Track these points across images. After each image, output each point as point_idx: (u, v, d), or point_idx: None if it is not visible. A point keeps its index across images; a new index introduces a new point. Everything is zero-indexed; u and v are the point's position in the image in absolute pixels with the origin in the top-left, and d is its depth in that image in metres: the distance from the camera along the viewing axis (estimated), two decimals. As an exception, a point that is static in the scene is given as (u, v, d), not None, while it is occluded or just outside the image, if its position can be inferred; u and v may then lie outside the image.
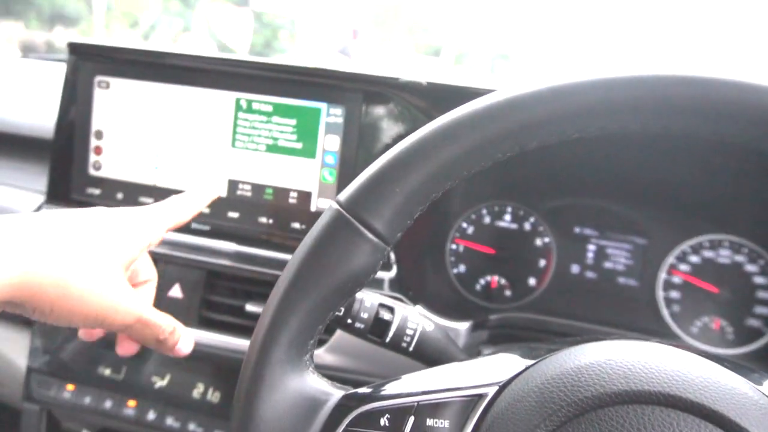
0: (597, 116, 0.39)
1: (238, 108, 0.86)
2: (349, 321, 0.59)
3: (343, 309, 0.60)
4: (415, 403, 0.40)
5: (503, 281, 0.97)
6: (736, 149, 0.81)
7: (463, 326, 0.82)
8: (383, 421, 0.40)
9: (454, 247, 0.99)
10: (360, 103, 0.82)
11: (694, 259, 0.91)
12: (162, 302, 0.87)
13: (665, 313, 0.91)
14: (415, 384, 0.43)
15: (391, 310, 0.61)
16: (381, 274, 0.85)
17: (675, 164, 0.89)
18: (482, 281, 0.97)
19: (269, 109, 0.85)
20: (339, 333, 0.81)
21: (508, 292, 0.96)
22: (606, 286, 0.94)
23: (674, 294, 0.92)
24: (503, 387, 0.40)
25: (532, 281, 0.96)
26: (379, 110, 0.83)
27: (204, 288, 0.87)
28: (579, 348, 0.40)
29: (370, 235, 0.40)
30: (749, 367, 0.43)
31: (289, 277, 0.41)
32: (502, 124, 0.39)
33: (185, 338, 0.62)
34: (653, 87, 0.37)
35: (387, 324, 0.60)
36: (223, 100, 0.87)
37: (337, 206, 0.41)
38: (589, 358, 0.38)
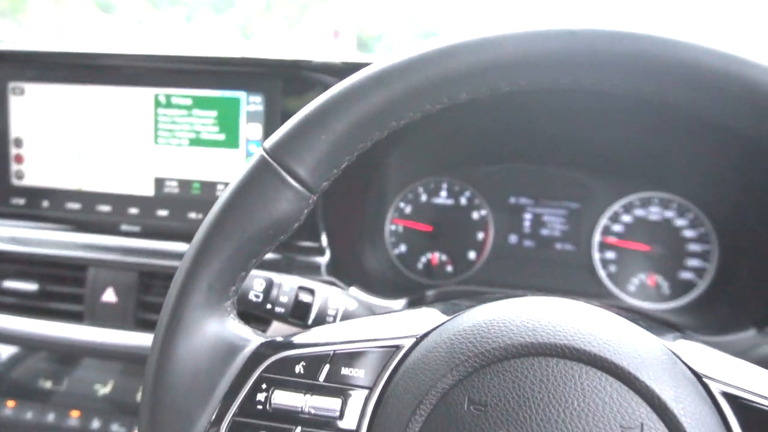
0: (525, 69, 0.38)
1: (158, 104, 0.84)
2: (269, 306, 0.59)
3: (261, 295, 0.59)
4: (332, 352, 0.41)
5: (444, 257, 0.97)
6: (661, 109, 0.82)
7: (398, 304, 0.82)
8: (298, 368, 0.40)
9: (393, 227, 0.99)
10: (279, 89, 0.82)
11: (626, 218, 0.93)
12: (96, 308, 0.85)
13: (602, 274, 0.92)
14: (334, 334, 0.43)
15: (311, 292, 0.60)
16: (316, 259, 0.84)
17: (602, 127, 0.90)
18: (423, 259, 0.98)
19: (189, 102, 0.83)
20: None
21: (449, 268, 0.97)
22: (544, 252, 0.95)
23: (610, 255, 0.93)
24: (420, 339, 0.40)
25: (471, 255, 0.97)
26: (299, 94, 0.82)
27: (138, 290, 0.85)
28: (494, 303, 0.40)
29: (293, 182, 0.39)
30: (664, 326, 0.43)
31: (210, 220, 0.40)
32: (429, 72, 0.39)
33: None
34: (583, 40, 0.37)
35: (308, 306, 0.59)
36: (142, 96, 0.85)
37: (262, 152, 0.41)
38: (501, 312, 0.38)
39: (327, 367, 0.40)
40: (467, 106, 0.89)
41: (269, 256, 0.84)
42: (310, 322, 0.60)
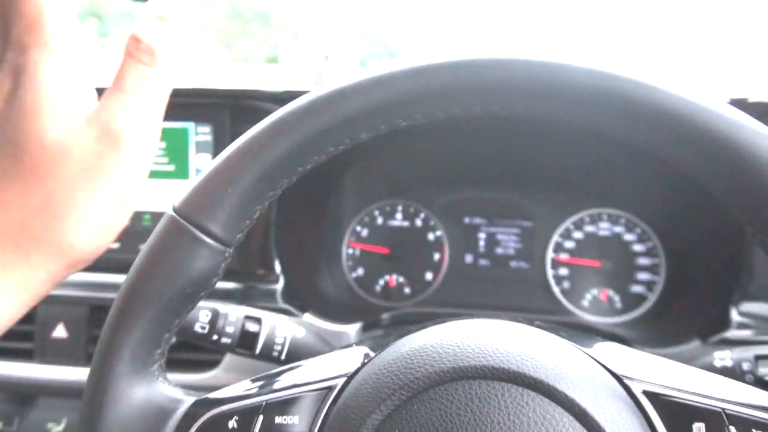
0: (419, 104, 0.40)
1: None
2: (215, 337, 0.59)
3: (207, 326, 0.59)
4: (263, 402, 0.40)
5: (401, 279, 0.98)
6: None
7: (353, 328, 0.82)
8: (231, 423, 0.40)
9: (350, 251, 1.00)
10: (227, 118, 0.82)
11: (577, 234, 0.95)
12: (46, 344, 0.83)
13: (556, 290, 0.94)
14: (265, 384, 0.43)
15: (257, 321, 0.60)
16: (271, 286, 0.84)
17: (549, 149, 0.92)
18: (381, 281, 0.98)
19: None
20: (230, 352, 0.79)
21: (407, 289, 0.97)
22: (499, 271, 0.97)
23: (563, 271, 0.95)
24: (350, 378, 0.40)
25: (428, 276, 0.97)
26: (247, 124, 0.82)
27: (89, 324, 0.84)
28: (416, 333, 0.41)
29: (207, 239, 0.39)
30: (584, 334, 0.44)
31: (125, 288, 0.40)
32: (326, 116, 0.39)
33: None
34: (466, 71, 0.38)
35: (255, 336, 0.59)
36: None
37: (171, 212, 0.40)
38: (423, 340, 0.39)
39: (261, 418, 0.40)
40: (417, 131, 0.91)
41: (223, 285, 0.84)
42: (257, 351, 0.59)
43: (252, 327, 0.59)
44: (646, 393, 0.36)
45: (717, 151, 0.35)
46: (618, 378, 0.37)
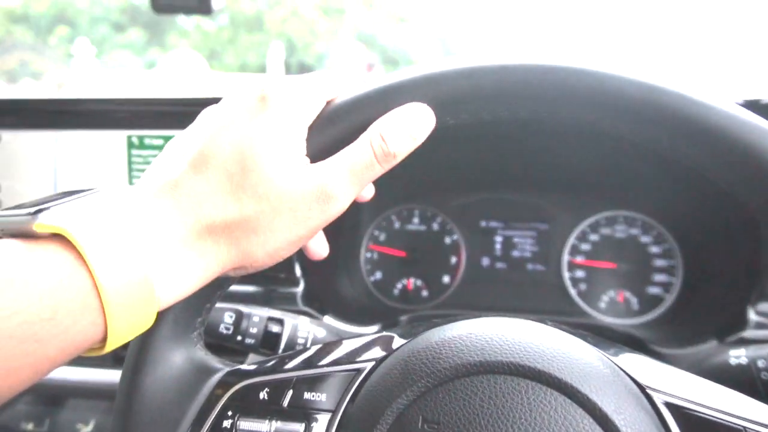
0: (468, 103, 0.42)
1: (131, 145, 0.87)
2: (239, 338, 0.61)
3: (231, 327, 0.61)
4: (294, 377, 0.42)
5: (419, 282, 0.99)
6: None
7: (371, 330, 0.83)
8: (262, 394, 0.42)
9: (368, 255, 1.01)
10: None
11: (593, 237, 0.95)
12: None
13: (573, 292, 0.95)
14: (296, 360, 0.45)
15: (280, 322, 0.62)
16: (292, 290, 0.86)
17: (567, 150, 0.93)
18: (399, 285, 0.99)
19: (161, 143, 0.86)
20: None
21: (425, 293, 0.99)
22: (516, 274, 0.98)
23: (579, 273, 0.95)
24: (379, 362, 0.42)
25: (446, 279, 0.99)
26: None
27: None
28: (447, 326, 0.42)
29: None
30: (610, 342, 0.45)
31: None
32: (374, 111, 0.42)
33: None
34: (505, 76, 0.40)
35: (277, 336, 0.61)
36: (115, 139, 0.87)
37: None
38: (453, 333, 0.40)
39: (290, 392, 0.42)
40: (433, 136, 0.92)
41: (246, 288, 0.86)
42: (280, 351, 0.61)
43: (275, 328, 0.61)
44: (668, 405, 0.37)
45: (740, 155, 0.37)
46: (641, 387, 0.38)
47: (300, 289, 0.86)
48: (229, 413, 0.42)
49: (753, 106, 0.70)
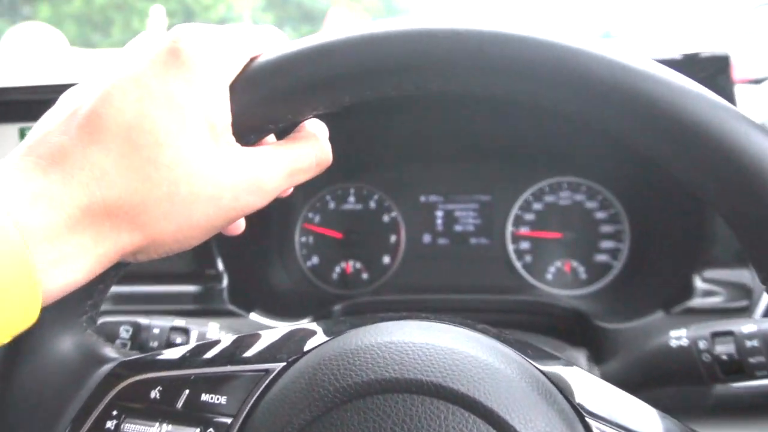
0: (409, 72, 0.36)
1: (23, 138, 0.78)
2: (138, 354, 0.55)
3: (128, 342, 0.55)
4: (192, 375, 0.36)
5: (358, 265, 0.94)
6: None
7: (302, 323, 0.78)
8: (154, 393, 0.36)
9: (303, 239, 0.95)
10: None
11: (537, 206, 0.91)
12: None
13: (518, 265, 0.90)
14: (200, 354, 0.39)
15: (185, 331, 0.56)
16: (215, 286, 0.80)
17: (503, 119, 0.87)
18: (337, 269, 0.94)
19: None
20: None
21: (365, 275, 0.93)
22: (459, 249, 0.93)
23: (524, 245, 0.91)
24: (290, 364, 0.36)
25: (386, 259, 0.93)
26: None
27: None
28: (368, 327, 0.37)
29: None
30: (552, 356, 0.40)
31: None
32: (309, 71, 0.35)
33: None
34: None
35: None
36: (6, 133, 0.79)
37: None
38: (370, 339, 0.35)
39: (186, 392, 0.36)
40: (364, 109, 0.85)
41: (164, 288, 0.79)
42: (186, 364, 0.55)
43: (178, 339, 0.55)
44: None
45: (668, 123, 0.31)
46: (579, 415, 0.33)
47: (224, 284, 0.79)
48: (114, 413, 0.36)
49: (692, 59, 0.64)
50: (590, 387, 0.36)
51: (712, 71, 0.65)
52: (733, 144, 0.30)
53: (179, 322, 0.56)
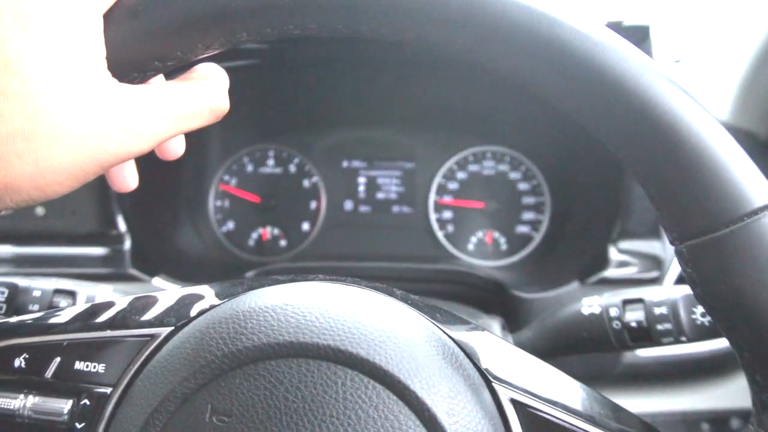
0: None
1: None
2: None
3: (3, 305, 0.49)
4: (65, 341, 0.33)
5: (276, 231, 0.90)
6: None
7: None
8: (18, 361, 0.32)
9: (218, 203, 0.90)
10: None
11: (461, 175, 0.90)
12: None
13: (440, 235, 0.89)
14: (75, 319, 0.35)
15: (70, 294, 0.51)
16: (119, 248, 0.74)
17: (433, 83, 0.85)
18: (254, 235, 0.90)
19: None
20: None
21: (283, 242, 0.90)
22: (381, 217, 0.90)
23: (447, 215, 0.90)
24: (179, 329, 0.33)
25: (305, 226, 0.90)
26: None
27: None
28: (264, 289, 0.33)
29: None
30: (462, 321, 0.38)
31: None
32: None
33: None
34: None
35: (67, 312, 0.50)
36: None
37: None
38: (264, 301, 0.31)
39: (57, 360, 0.32)
40: (287, 64, 0.81)
41: (59, 250, 0.72)
42: (72, 330, 0.50)
43: (63, 302, 0.50)
44: (513, 401, 0.31)
45: (591, 81, 0.29)
46: (487, 380, 0.32)
47: (127, 246, 0.74)
48: None
49: (615, 27, 0.64)
50: (499, 352, 0.34)
51: (633, 41, 0.65)
52: (647, 96, 0.29)
53: (65, 283, 0.51)
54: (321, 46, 0.74)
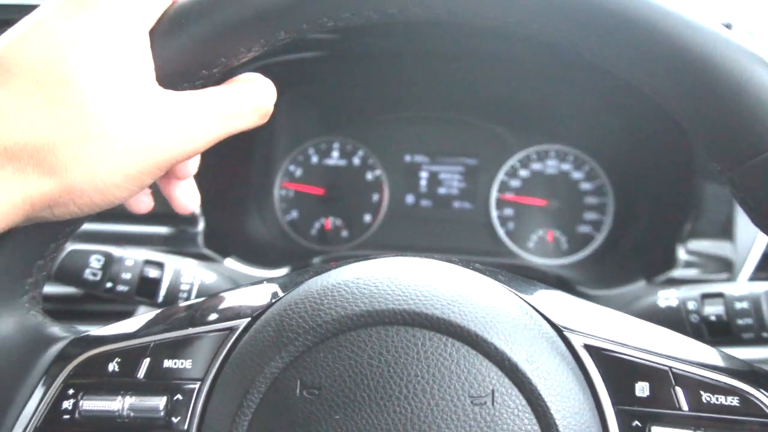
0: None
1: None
2: (109, 284, 0.52)
3: (99, 272, 0.52)
4: (152, 343, 0.35)
5: (338, 222, 0.92)
6: (558, 59, 0.78)
7: (279, 273, 0.76)
8: (112, 365, 0.34)
9: (283, 192, 0.92)
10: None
11: (523, 173, 0.90)
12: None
13: (500, 231, 0.89)
14: (157, 322, 0.37)
15: (159, 265, 0.53)
16: (190, 229, 0.77)
17: (498, 79, 0.86)
18: (317, 225, 0.92)
19: None
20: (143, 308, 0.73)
21: (344, 233, 0.91)
22: (442, 212, 0.91)
23: (508, 211, 0.90)
24: (255, 319, 0.35)
25: (367, 217, 0.91)
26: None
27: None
28: (334, 270, 0.35)
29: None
30: (526, 280, 0.39)
31: None
32: (236, 8, 0.33)
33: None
34: None
35: (156, 282, 0.53)
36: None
37: None
38: (337, 278, 0.33)
39: (147, 361, 0.34)
40: (353, 55, 0.83)
41: (137, 228, 0.76)
42: (160, 299, 0.53)
43: (152, 272, 0.53)
44: (587, 347, 0.32)
45: (689, 70, 0.30)
46: (558, 329, 0.33)
47: (200, 228, 0.76)
48: (71, 392, 0.34)
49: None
50: (567, 304, 0.36)
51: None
52: (688, 38, 0.29)
53: (154, 255, 0.54)
54: (386, 39, 0.76)
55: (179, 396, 0.33)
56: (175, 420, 0.32)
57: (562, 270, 0.84)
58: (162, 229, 0.75)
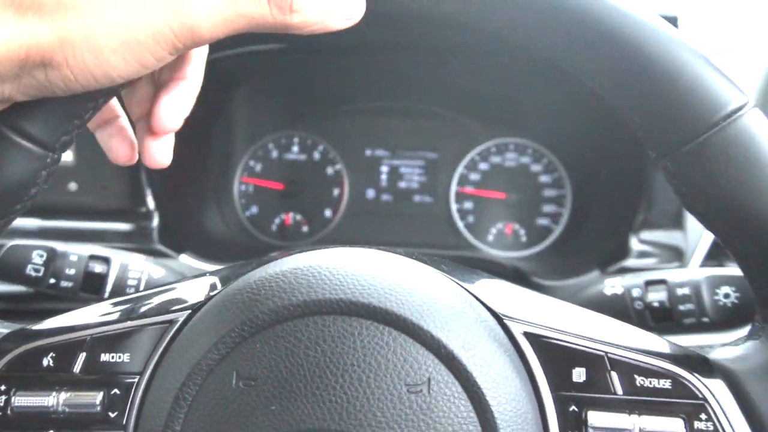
0: None
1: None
2: (53, 280, 0.51)
3: (41, 268, 0.51)
4: (88, 337, 0.34)
5: (299, 217, 0.91)
6: (522, 52, 0.78)
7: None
8: (46, 361, 0.34)
9: (242, 188, 0.92)
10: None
11: (483, 166, 0.90)
12: None
13: (460, 225, 0.90)
14: (93, 315, 0.36)
15: (105, 260, 0.52)
16: (144, 224, 0.75)
17: (458, 73, 0.86)
18: (277, 220, 0.91)
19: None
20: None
21: (305, 228, 0.91)
22: (402, 206, 0.92)
23: (467, 205, 0.90)
24: (195, 311, 0.34)
25: (327, 213, 0.91)
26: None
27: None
28: (274, 262, 0.35)
29: (22, 141, 0.32)
30: (468, 269, 0.39)
31: None
32: None
33: None
34: None
35: (101, 277, 0.52)
36: None
37: None
38: (276, 269, 0.33)
39: (83, 355, 0.33)
40: (312, 50, 0.82)
41: (90, 225, 0.74)
42: (106, 295, 0.52)
43: (98, 267, 0.52)
44: (526, 334, 0.33)
45: (624, 59, 0.31)
46: (498, 317, 0.33)
47: (155, 224, 0.75)
48: (2, 387, 0.33)
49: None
50: (507, 293, 0.36)
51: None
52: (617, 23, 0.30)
53: (100, 250, 0.53)
54: (347, 30, 0.75)
55: (116, 390, 0.32)
56: (112, 415, 0.32)
57: (520, 262, 0.85)
58: (115, 225, 0.74)
